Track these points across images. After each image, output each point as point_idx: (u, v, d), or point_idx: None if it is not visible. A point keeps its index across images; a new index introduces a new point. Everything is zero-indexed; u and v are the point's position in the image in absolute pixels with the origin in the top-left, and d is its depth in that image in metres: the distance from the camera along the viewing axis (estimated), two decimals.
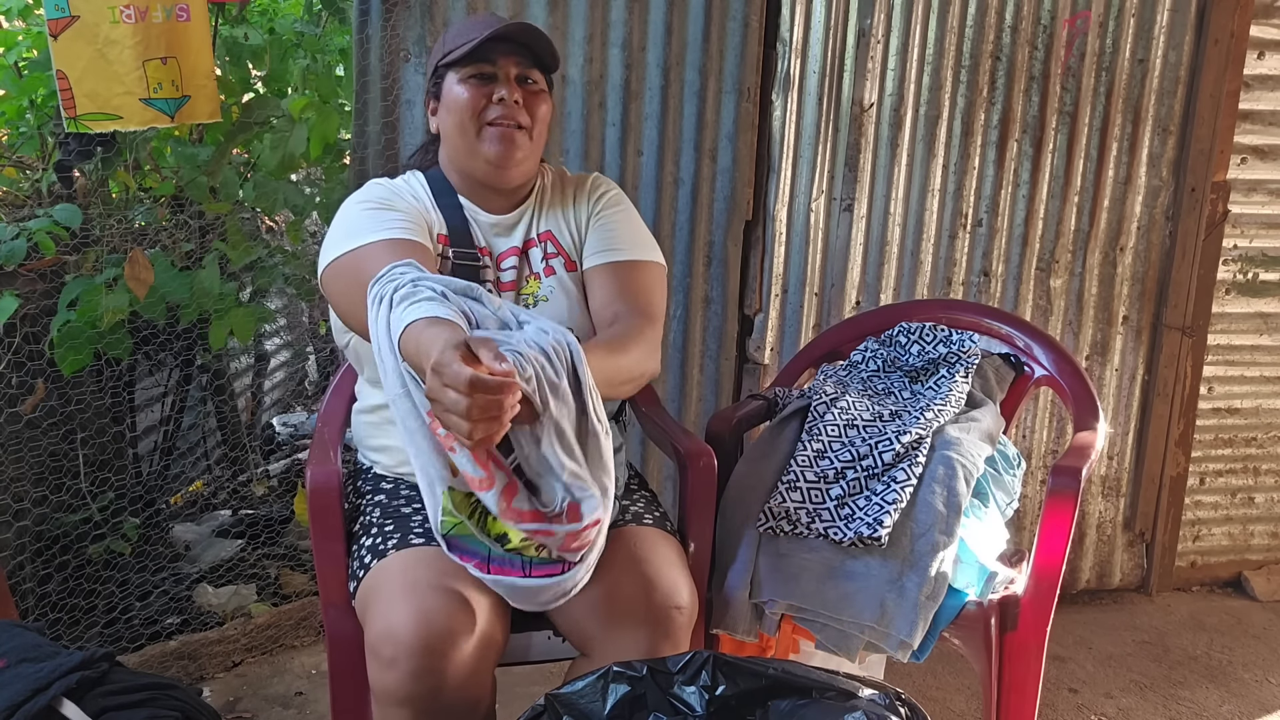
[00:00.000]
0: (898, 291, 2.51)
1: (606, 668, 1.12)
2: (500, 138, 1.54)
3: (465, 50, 1.52)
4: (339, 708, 1.51)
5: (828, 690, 1.09)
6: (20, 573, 2.11)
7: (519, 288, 1.59)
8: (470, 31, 1.55)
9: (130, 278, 2.01)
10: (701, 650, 1.13)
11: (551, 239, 1.64)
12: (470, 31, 1.55)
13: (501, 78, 1.54)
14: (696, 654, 1.12)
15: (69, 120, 1.92)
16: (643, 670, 1.11)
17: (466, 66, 1.54)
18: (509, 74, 1.55)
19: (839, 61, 2.35)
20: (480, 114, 1.54)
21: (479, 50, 1.52)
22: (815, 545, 1.61)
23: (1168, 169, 2.60)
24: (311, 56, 2.34)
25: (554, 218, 1.65)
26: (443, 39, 1.61)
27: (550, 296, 1.58)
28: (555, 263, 1.63)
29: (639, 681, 1.11)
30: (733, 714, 1.09)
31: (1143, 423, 2.73)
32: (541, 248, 1.63)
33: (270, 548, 2.66)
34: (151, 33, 1.90)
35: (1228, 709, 2.29)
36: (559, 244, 1.63)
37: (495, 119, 1.53)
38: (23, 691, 1.33)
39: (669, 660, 1.13)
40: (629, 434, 2.18)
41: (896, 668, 2.24)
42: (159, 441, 2.65)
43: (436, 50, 1.62)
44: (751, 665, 1.11)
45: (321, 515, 1.50)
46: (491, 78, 1.54)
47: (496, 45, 1.53)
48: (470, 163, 1.57)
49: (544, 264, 1.62)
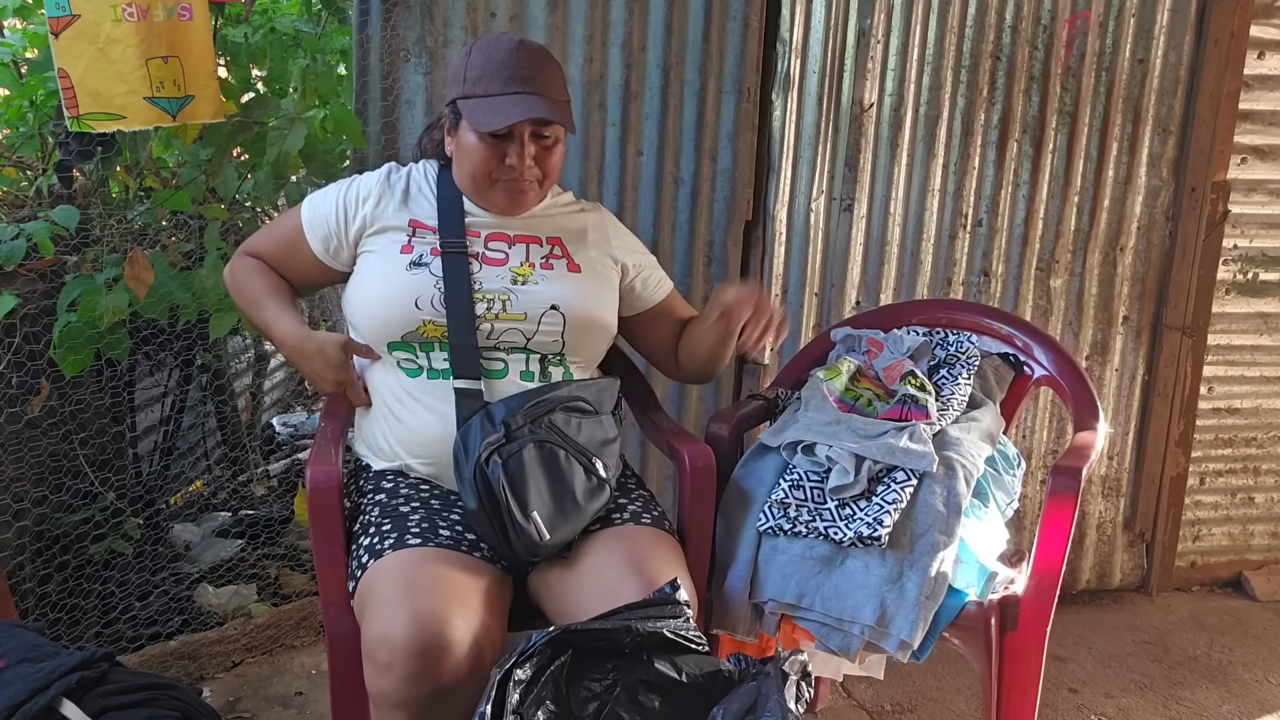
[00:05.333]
0: (898, 291, 2.51)
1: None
2: (509, 191, 1.61)
3: (481, 113, 1.54)
4: (339, 708, 1.51)
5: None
6: (20, 573, 2.11)
7: (508, 264, 1.62)
8: (490, 80, 1.55)
9: (130, 278, 2.01)
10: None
11: (560, 245, 1.67)
12: (490, 80, 1.55)
13: (516, 137, 1.56)
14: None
15: (71, 119, 1.91)
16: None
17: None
18: (523, 136, 1.56)
19: (839, 61, 2.35)
20: (491, 173, 1.59)
21: (495, 117, 1.53)
22: (815, 545, 1.61)
23: (1168, 169, 2.60)
24: (311, 56, 2.33)
25: (568, 232, 1.69)
26: (463, 65, 1.59)
27: (540, 282, 1.61)
28: (558, 263, 1.65)
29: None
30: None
31: (1143, 423, 2.73)
32: (548, 249, 1.66)
33: (270, 548, 2.66)
34: (153, 31, 1.89)
35: (1228, 709, 2.29)
36: (566, 250, 1.67)
37: (507, 179, 1.59)
38: (23, 691, 1.33)
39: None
40: (629, 434, 2.18)
41: (896, 667, 2.24)
42: (159, 441, 2.65)
43: (454, 76, 1.61)
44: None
45: (321, 515, 1.50)
46: (505, 137, 1.56)
47: (513, 105, 1.53)
48: (479, 199, 1.64)
49: (543, 260, 1.64)
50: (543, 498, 1.45)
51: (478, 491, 1.44)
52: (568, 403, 1.54)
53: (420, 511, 1.51)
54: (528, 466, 1.46)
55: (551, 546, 1.46)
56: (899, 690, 2.27)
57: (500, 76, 1.54)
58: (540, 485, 1.46)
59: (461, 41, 2.15)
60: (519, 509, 1.43)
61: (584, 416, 1.55)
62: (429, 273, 1.57)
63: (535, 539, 1.43)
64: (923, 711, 2.21)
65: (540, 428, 1.50)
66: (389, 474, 1.62)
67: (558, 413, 1.52)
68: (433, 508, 1.53)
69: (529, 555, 1.46)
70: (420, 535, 1.45)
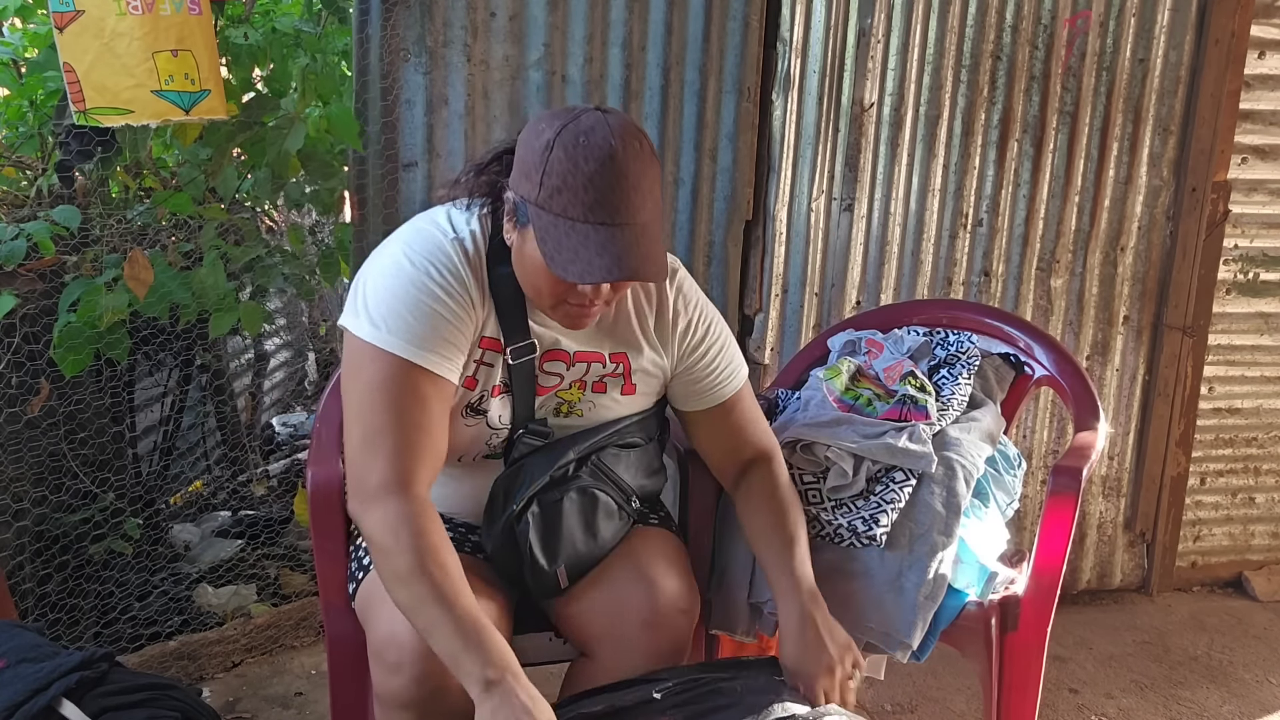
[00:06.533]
0: (898, 291, 2.51)
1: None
2: (573, 317, 1.33)
3: (556, 247, 1.22)
4: (339, 708, 1.51)
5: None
6: (20, 573, 2.11)
7: (556, 389, 1.43)
8: (572, 196, 1.20)
9: (130, 278, 2.01)
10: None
11: (624, 361, 1.44)
12: (572, 196, 1.20)
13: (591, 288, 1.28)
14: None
15: (78, 114, 1.89)
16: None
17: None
18: (600, 288, 1.29)
19: (839, 61, 2.35)
20: (558, 297, 1.29)
21: (572, 263, 1.21)
22: (814, 545, 1.61)
23: (1168, 169, 2.60)
24: (311, 56, 2.33)
25: (630, 338, 1.44)
26: (542, 158, 1.22)
27: (585, 413, 1.46)
28: (612, 384, 1.45)
29: None
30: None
31: (1143, 423, 2.73)
32: (610, 368, 1.44)
33: (270, 548, 2.66)
34: (160, 24, 1.87)
35: (1228, 709, 2.29)
36: (629, 367, 1.45)
37: (574, 303, 1.30)
38: (22, 691, 1.33)
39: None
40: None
41: (896, 668, 2.24)
42: (159, 441, 2.65)
43: (526, 164, 1.24)
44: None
45: (321, 515, 1.50)
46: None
47: (598, 255, 1.20)
48: (539, 310, 1.36)
49: (597, 381, 1.44)
50: (574, 545, 1.42)
51: (500, 543, 1.41)
52: (621, 440, 1.48)
53: None
54: (565, 516, 1.40)
55: (568, 585, 1.44)
56: (899, 690, 2.26)
57: (584, 200, 1.20)
58: (574, 533, 1.42)
59: (462, 41, 2.15)
60: (546, 560, 1.40)
61: (634, 448, 1.50)
62: (485, 425, 1.39)
63: (555, 584, 1.42)
64: (923, 711, 2.21)
65: (585, 467, 1.44)
66: None
67: (609, 449, 1.46)
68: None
69: (543, 595, 1.45)
70: None
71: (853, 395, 1.83)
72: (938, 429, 1.74)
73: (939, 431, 1.74)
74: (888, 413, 1.77)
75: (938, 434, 1.73)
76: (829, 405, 1.78)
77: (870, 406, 1.80)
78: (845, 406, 1.79)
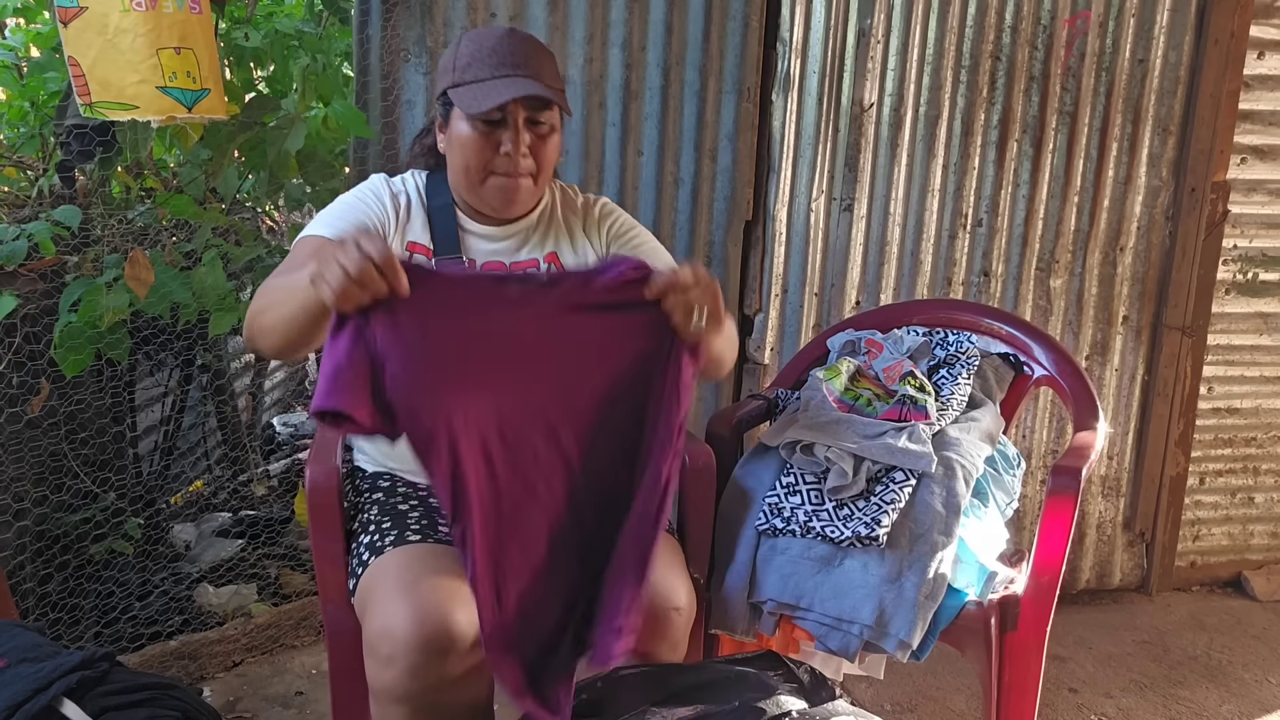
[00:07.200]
0: (898, 291, 2.51)
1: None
2: (504, 189, 1.52)
3: (472, 98, 1.46)
4: (339, 707, 1.51)
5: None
6: (20, 573, 2.11)
7: None
8: (480, 65, 1.47)
9: (130, 278, 2.01)
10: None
11: (556, 262, 1.60)
12: (480, 65, 1.47)
13: (510, 123, 1.48)
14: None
15: (84, 107, 1.89)
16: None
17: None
18: (517, 120, 1.48)
19: (839, 61, 2.35)
20: (486, 164, 1.50)
21: (486, 98, 1.45)
22: (814, 545, 1.61)
23: (1168, 169, 2.60)
24: (312, 56, 2.34)
25: (561, 241, 1.62)
26: (452, 55, 1.52)
27: None
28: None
29: None
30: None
31: (1143, 423, 2.73)
32: (545, 268, 1.59)
33: (270, 548, 2.66)
34: (163, 22, 1.88)
35: (1228, 709, 2.29)
36: (562, 268, 1.59)
37: (501, 170, 1.50)
38: (23, 691, 1.33)
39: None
40: None
41: (896, 668, 2.25)
42: (159, 441, 2.65)
43: (444, 68, 1.53)
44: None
45: (321, 514, 1.50)
46: (499, 123, 1.48)
47: (505, 86, 1.45)
48: (472, 199, 1.56)
49: None
50: None
51: None
52: None
53: (419, 509, 1.51)
54: None
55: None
56: (899, 690, 2.27)
57: (490, 62, 1.47)
58: None
59: None
60: None
61: None
62: None
63: None
64: (923, 711, 2.21)
65: None
66: (384, 475, 1.62)
67: None
68: (430, 505, 1.53)
69: None
70: (420, 532, 1.45)
71: (852, 395, 1.83)
72: (937, 429, 1.74)
73: (938, 431, 1.74)
74: (887, 413, 1.77)
75: (937, 434, 1.73)
76: (829, 405, 1.78)
77: (870, 407, 1.81)
78: (845, 407, 1.80)
